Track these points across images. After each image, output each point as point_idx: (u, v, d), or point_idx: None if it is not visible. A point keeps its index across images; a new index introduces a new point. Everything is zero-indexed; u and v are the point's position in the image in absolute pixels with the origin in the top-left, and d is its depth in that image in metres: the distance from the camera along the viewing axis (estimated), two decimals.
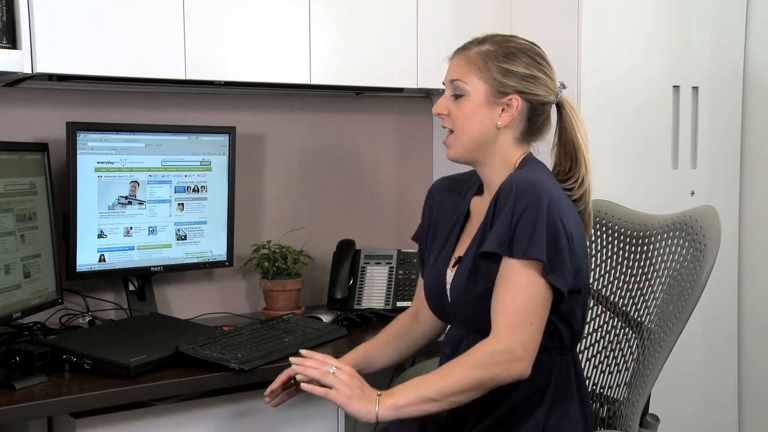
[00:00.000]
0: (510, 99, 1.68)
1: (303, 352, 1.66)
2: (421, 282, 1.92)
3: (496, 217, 1.62)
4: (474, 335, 1.70)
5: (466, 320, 1.71)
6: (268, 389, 1.77)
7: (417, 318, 1.92)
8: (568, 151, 1.75)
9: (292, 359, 1.64)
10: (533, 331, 1.57)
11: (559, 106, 1.75)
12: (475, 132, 1.70)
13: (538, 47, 1.74)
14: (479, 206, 1.79)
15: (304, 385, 1.58)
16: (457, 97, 1.71)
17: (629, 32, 2.51)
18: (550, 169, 1.78)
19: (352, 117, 2.75)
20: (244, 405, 1.95)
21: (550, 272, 1.57)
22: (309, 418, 2.03)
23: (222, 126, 2.43)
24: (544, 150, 1.80)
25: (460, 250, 1.76)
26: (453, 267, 1.75)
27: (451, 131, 1.73)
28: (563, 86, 1.76)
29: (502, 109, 1.69)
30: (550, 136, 1.77)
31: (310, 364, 1.60)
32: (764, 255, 2.82)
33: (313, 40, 2.32)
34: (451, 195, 1.87)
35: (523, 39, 1.75)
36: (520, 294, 1.57)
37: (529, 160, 1.73)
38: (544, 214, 1.57)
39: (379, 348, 1.90)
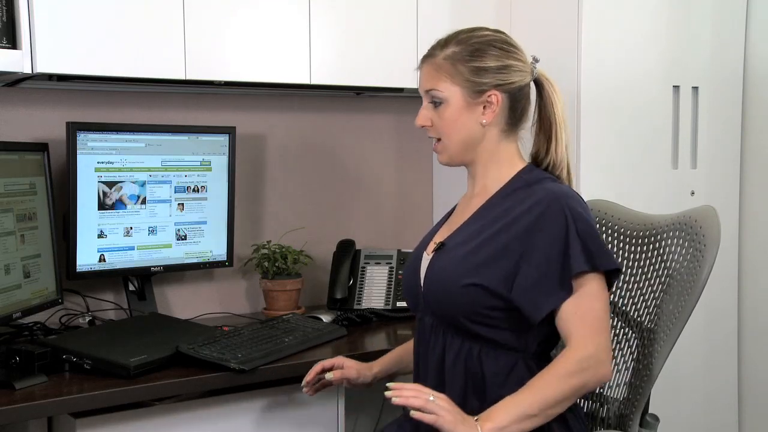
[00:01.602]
0: (489, 96, 1.67)
1: (391, 385, 1.60)
2: None
3: (547, 231, 1.60)
4: (442, 326, 1.69)
5: (435, 308, 1.69)
6: (305, 380, 1.85)
7: None
8: (546, 128, 1.74)
9: (387, 392, 1.58)
10: (608, 334, 1.60)
11: (538, 84, 1.74)
12: (462, 135, 1.69)
13: (503, 33, 1.72)
14: (463, 200, 1.80)
15: (413, 413, 1.55)
16: (435, 105, 1.70)
17: (629, 32, 2.51)
18: (530, 151, 1.78)
19: (352, 117, 2.75)
20: (244, 405, 1.95)
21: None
22: (309, 418, 2.03)
23: (222, 126, 2.43)
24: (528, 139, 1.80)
25: (439, 237, 1.75)
26: (431, 253, 1.73)
27: (439, 139, 1.72)
28: (536, 60, 1.73)
29: (484, 107, 1.68)
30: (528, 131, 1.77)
31: (409, 394, 1.55)
32: (764, 255, 2.82)
33: (313, 40, 2.32)
34: None
35: (487, 29, 1.72)
36: (596, 300, 1.59)
37: (530, 171, 1.72)
38: (594, 224, 1.64)
39: (410, 349, 1.87)
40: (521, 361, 1.66)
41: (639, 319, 1.88)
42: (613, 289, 1.75)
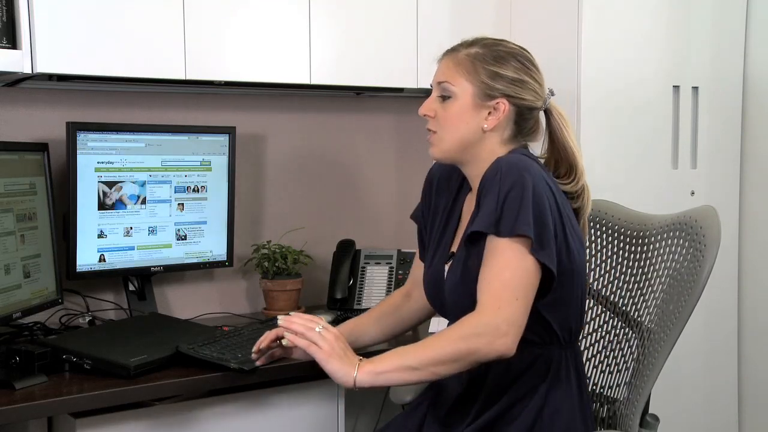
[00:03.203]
0: (497, 102, 1.67)
1: (293, 313, 1.66)
2: (416, 262, 1.94)
3: (482, 200, 1.61)
4: None
5: (462, 315, 1.70)
6: (255, 347, 1.78)
7: (409, 297, 1.94)
8: (563, 157, 1.74)
9: (279, 316, 1.64)
10: (519, 307, 1.54)
11: (547, 113, 1.75)
12: (461, 134, 1.69)
13: (528, 52, 1.74)
14: (470, 205, 1.79)
15: (287, 335, 1.59)
16: (444, 98, 1.70)
17: (629, 32, 2.51)
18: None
19: (352, 117, 2.75)
20: (244, 405, 1.95)
21: (539, 249, 1.55)
22: (309, 418, 2.03)
23: (222, 126, 2.43)
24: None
25: (454, 247, 1.77)
26: (448, 263, 1.76)
27: (435, 132, 1.73)
28: (552, 93, 1.75)
29: (489, 113, 1.68)
30: (538, 144, 1.77)
31: (296, 320, 1.61)
32: (764, 255, 2.82)
33: (313, 40, 2.32)
34: (447, 184, 1.86)
35: (514, 43, 1.74)
36: (505, 269, 1.55)
37: (516, 150, 1.72)
38: (529, 191, 1.56)
39: (368, 323, 1.91)
40: (554, 352, 1.67)
41: (639, 319, 1.88)
42: (552, 266, 1.60)
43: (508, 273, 1.54)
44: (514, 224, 1.54)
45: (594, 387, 1.96)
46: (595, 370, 1.98)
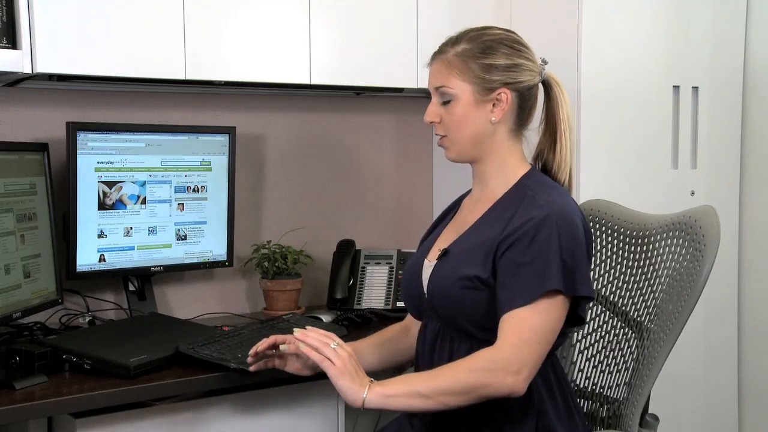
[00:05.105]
0: (499, 93, 1.67)
1: (309, 327, 1.65)
2: None
3: (523, 241, 1.58)
4: (449, 332, 1.69)
5: (443, 315, 1.69)
6: (253, 350, 1.76)
7: (407, 332, 1.91)
8: (552, 129, 1.75)
9: (296, 329, 1.64)
10: (538, 350, 1.56)
11: (546, 85, 1.74)
12: (472, 132, 1.69)
13: (514, 33, 1.73)
14: (469, 201, 1.80)
15: (302, 346, 1.59)
16: (445, 102, 1.70)
17: (629, 31, 2.51)
18: (533, 151, 1.79)
19: (352, 117, 2.75)
20: (244, 405, 1.95)
21: (585, 307, 1.64)
22: (309, 418, 2.03)
23: (222, 126, 2.43)
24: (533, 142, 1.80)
25: (443, 243, 1.75)
26: (434, 259, 1.73)
27: (445, 135, 1.72)
28: (545, 62, 1.74)
29: (493, 104, 1.68)
30: (538, 115, 1.77)
31: (312, 334, 1.60)
32: (764, 255, 2.82)
33: (313, 40, 2.32)
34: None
35: (498, 28, 1.73)
36: (536, 313, 1.56)
37: (533, 177, 1.71)
38: (583, 245, 1.61)
39: (366, 349, 1.88)
40: None
41: (639, 319, 1.88)
42: (587, 317, 1.71)
43: (538, 318, 1.56)
44: (581, 284, 1.59)
45: (594, 387, 1.96)
46: (595, 370, 1.97)
